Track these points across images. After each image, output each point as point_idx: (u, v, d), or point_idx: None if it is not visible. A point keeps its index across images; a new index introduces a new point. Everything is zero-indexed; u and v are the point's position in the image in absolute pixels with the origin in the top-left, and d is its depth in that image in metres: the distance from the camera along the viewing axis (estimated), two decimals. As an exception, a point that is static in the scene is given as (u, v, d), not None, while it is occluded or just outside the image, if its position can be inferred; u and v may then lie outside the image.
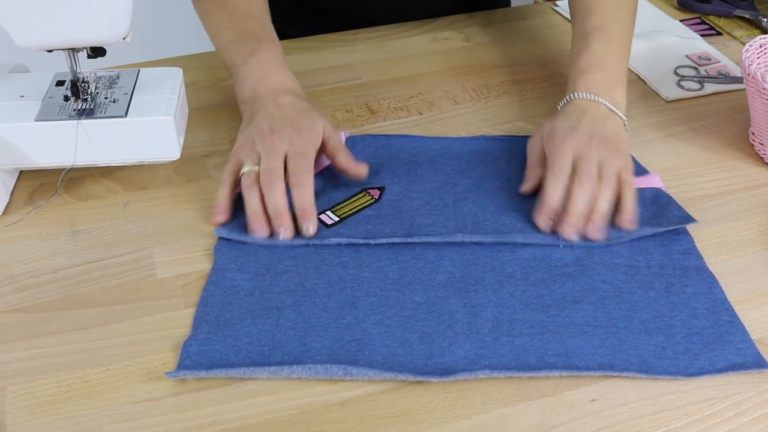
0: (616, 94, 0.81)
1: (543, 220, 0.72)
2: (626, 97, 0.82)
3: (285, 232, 0.71)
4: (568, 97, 0.81)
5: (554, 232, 0.72)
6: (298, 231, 0.72)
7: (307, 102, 0.81)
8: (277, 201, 0.72)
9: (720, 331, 0.64)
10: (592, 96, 0.80)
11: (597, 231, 0.71)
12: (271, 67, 0.83)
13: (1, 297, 0.69)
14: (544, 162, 0.77)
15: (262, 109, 0.79)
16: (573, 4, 0.91)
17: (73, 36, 0.69)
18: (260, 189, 0.73)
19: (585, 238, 0.71)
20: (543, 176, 0.75)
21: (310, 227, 0.72)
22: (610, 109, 0.79)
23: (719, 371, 0.61)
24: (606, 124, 0.77)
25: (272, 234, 0.72)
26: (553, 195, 0.72)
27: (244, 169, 0.74)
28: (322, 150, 0.78)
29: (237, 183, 0.75)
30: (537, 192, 0.76)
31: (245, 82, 0.83)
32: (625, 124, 0.80)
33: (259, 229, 0.72)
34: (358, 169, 0.78)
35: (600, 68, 0.82)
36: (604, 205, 0.72)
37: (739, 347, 0.63)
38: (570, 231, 0.71)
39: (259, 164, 0.74)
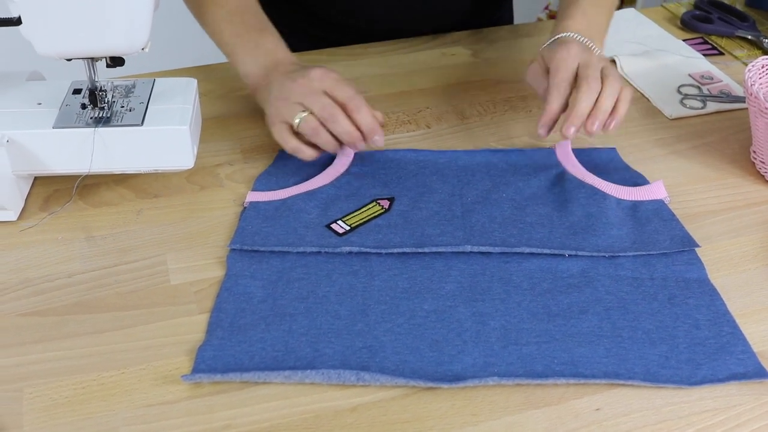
0: (598, 43, 0.86)
1: (543, 127, 0.75)
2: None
3: (375, 141, 0.80)
4: (555, 37, 0.85)
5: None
6: (310, 240, 0.74)
7: (309, 64, 0.85)
8: (348, 128, 0.77)
9: (722, 342, 0.66)
10: (579, 36, 0.84)
11: (597, 125, 0.75)
12: (275, 54, 0.88)
13: (17, 300, 0.70)
14: (543, 81, 0.82)
15: (276, 80, 0.83)
16: None
17: (93, 46, 0.71)
18: (323, 126, 0.78)
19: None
20: (547, 89, 0.79)
21: (380, 140, 0.80)
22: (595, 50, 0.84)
23: (721, 380, 0.63)
24: (597, 51, 0.83)
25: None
26: (556, 100, 0.76)
27: (296, 120, 0.78)
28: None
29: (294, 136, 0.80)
30: (542, 200, 0.79)
31: (254, 74, 0.87)
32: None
33: (351, 147, 0.81)
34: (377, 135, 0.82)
35: (585, 19, 0.87)
36: (608, 101, 0.76)
37: (741, 357, 0.64)
38: (571, 130, 0.74)
39: (306, 112, 0.79)
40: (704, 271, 0.73)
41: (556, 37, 0.85)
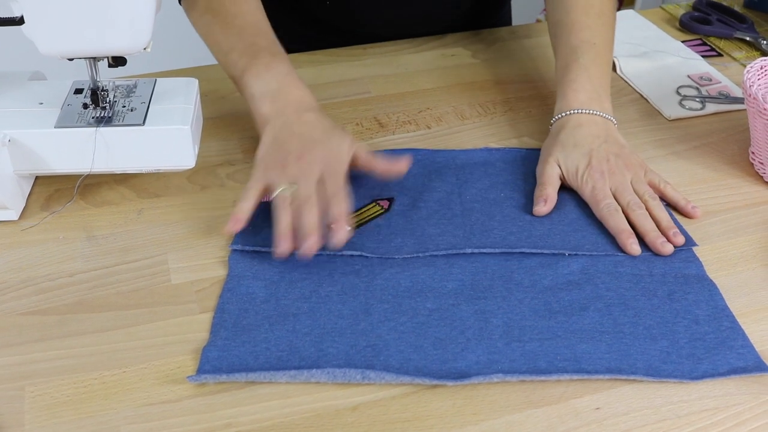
0: (605, 103, 0.87)
1: (633, 246, 0.75)
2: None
3: (311, 248, 0.71)
4: (564, 114, 0.86)
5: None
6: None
7: (328, 118, 0.82)
8: (312, 222, 0.71)
9: (722, 337, 0.66)
10: (587, 110, 0.85)
11: (673, 239, 0.76)
12: (288, 81, 0.83)
13: (19, 299, 0.70)
14: (556, 185, 0.81)
15: (286, 127, 0.79)
16: (555, 21, 0.95)
17: (96, 45, 0.71)
18: (293, 211, 0.72)
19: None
20: (555, 199, 0.80)
21: (342, 235, 0.71)
22: (605, 118, 0.85)
23: (722, 375, 0.63)
24: (609, 139, 0.83)
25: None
26: (622, 224, 0.76)
27: (278, 191, 0.74)
28: (354, 165, 0.79)
29: (259, 199, 0.75)
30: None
31: (263, 96, 0.82)
32: (615, 124, 0.86)
33: (285, 248, 0.71)
34: (400, 165, 0.80)
35: (589, 80, 0.87)
36: (664, 216, 0.78)
37: (741, 352, 0.65)
38: (667, 247, 0.75)
39: (291, 187, 0.74)
40: (702, 268, 0.73)
41: (563, 114, 0.86)
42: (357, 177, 0.83)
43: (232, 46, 0.86)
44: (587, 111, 0.85)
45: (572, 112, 0.85)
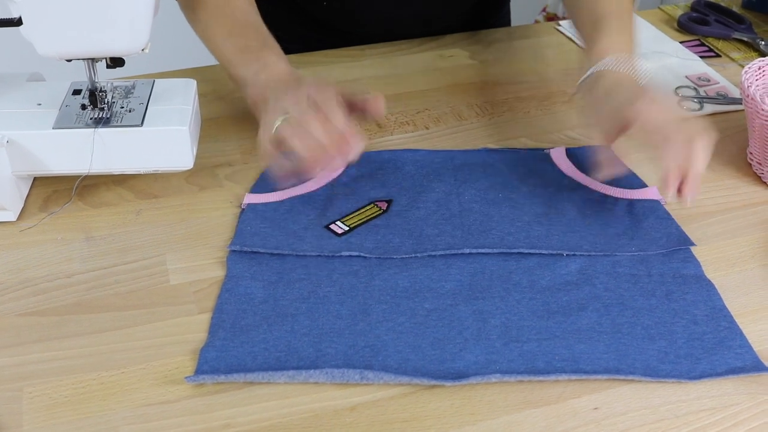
0: (636, 63, 0.82)
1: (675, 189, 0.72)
2: None
3: (341, 158, 0.73)
4: (599, 66, 0.82)
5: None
6: (309, 242, 0.74)
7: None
8: (318, 132, 0.73)
9: (720, 337, 0.66)
10: (622, 66, 0.81)
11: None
12: (278, 65, 0.85)
13: (17, 300, 0.70)
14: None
15: (274, 90, 0.80)
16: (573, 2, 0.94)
17: (95, 46, 0.71)
18: (299, 135, 0.73)
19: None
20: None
21: (358, 144, 0.74)
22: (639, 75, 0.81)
23: (720, 374, 0.63)
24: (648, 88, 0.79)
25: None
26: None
27: (277, 123, 0.74)
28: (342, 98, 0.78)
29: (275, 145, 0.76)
30: (539, 200, 0.79)
31: (255, 82, 0.84)
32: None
33: (318, 163, 0.73)
34: (378, 103, 0.79)
35: (619, 46, 0.84)
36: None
37: (739, 352, 0.65)
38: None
39: (285, 116, 0.75)
40: (700, 268, 0.73)
41: (598, 68, 0.82)
42: (354, 178, 0.83)
43: (227, 46, 0.88)
44: (623, 68, 0.81)
45: (608, 61, 0.81)
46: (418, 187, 0.82)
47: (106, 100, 0.78)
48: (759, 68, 0.88)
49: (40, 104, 0.79)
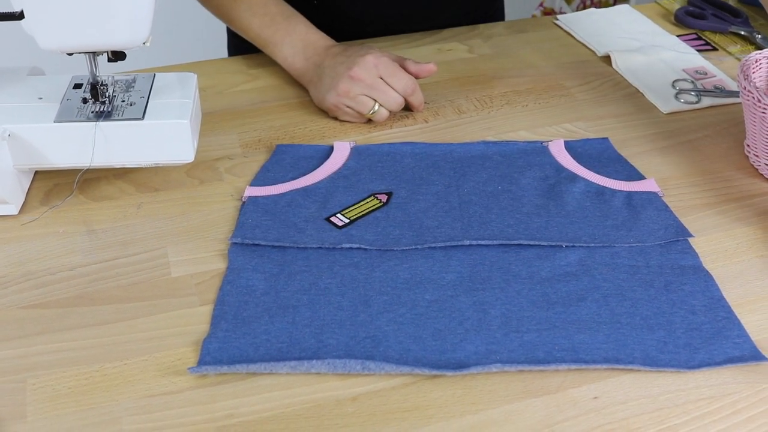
0: None
1: None
2: None
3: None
4: None
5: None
6: (310, 234, 0.75)
7: (348, 46, 0.95)
8: (400, 101, 0.91)
9: (718, 327, 0.67)
10: None
11: None
12: (309, 36, 0.96)
13: (20, 293, 0.71)
14: None
15: (326, 62, 0.92)
16: None
17: (96, 40, 0.72)
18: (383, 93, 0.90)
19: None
20: None
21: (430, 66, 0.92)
22: None
23: (718, 364, 0.64)
24: None
25: None
26: None
27: (371, 113, 0.91)
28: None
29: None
30: (538, 191, 0.79)
31: (294, 55, 0.96)
32: None
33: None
34: (429, 67, 0.93)
35: None
36: None
37: (737, 342, 0.66)
38: None
39: (376, 104, 0.90)
40: (698, 259, 0.74)
41: None
42: (354, 171, 0.84)
43: (248, 21, 0.97)
44: None
45: None
46: (417, 180, 0.83)
47: (107, 93, 0.79)
48: (756, 61, 0.89)
49: (41, 98, 0.79)
